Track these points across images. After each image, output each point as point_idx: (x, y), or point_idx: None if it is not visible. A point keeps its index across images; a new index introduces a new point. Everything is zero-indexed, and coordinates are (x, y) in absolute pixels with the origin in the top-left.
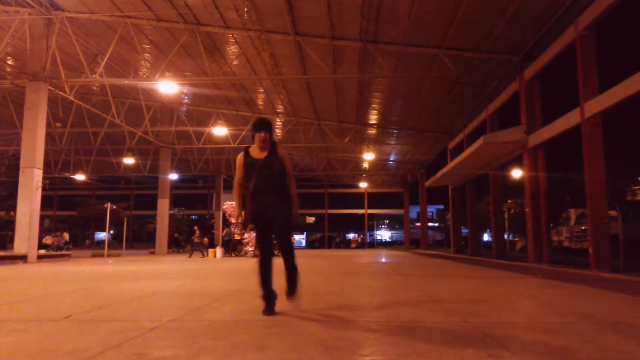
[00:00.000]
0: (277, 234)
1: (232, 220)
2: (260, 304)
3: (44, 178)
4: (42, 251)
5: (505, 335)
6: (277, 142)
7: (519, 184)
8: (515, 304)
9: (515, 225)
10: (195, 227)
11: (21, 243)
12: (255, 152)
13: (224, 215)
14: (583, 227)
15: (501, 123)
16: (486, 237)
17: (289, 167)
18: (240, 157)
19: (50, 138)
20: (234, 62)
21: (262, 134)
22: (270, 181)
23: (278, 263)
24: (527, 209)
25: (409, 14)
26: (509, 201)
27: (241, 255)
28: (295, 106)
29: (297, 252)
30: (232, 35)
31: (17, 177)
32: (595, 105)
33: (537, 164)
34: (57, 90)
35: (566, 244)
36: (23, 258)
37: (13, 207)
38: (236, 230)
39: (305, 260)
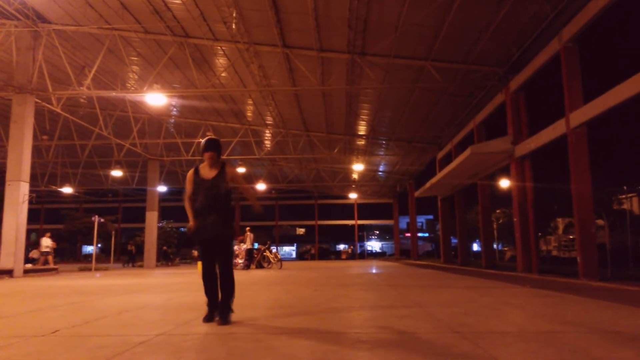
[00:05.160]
0: (217, 256)
1: None
2: (250, 316)
3: (31, 191)
4: (29, 265)
5: (495, 345)
6: (226, 162)
7: (507, 194)
8: (505, 313)
9: (504, 235)
10: (48, 236)
11: (7, 258)
12: (205, 170)
13: None
14: (571, 237)
15: (488, 134)
16: (476, 246)
17: (242, 181)
18: (190, 173)
19: (36, 151)
20: (223, 74)
21: (209, 153)
22: (215, 201)
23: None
24: (515, 219)
25: (396, 27)
26: (498, 211)
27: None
28: (284, 117)
29: (286, 264)
30: (221, 47)
31: (2, 190)
32: (580, 116)
33: (524, 174)
34: (43, 103)
35: (554, 253)
36: (9, 273)
37: None
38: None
39: (295, 272)
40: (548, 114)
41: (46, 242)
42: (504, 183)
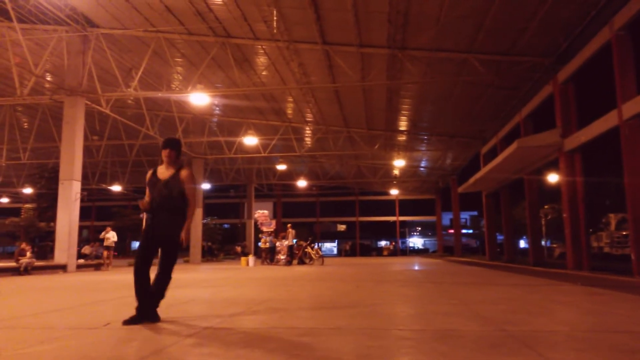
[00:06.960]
0: (162, 250)
1: (264, 229)
2: (293, 311)
3: (82, 190)
4: (81, 261)
5: (544, 344)
6: (185, 163)
7: (555, 189)
8: (554, 311)
9: (553, 231)
10: (109, 230)
11: (61, 253)
12: (161, 170)
13: (255, 223)
14: (624, 233)
15: (535, 127)
16: (523, 243)
17: (191, 191)
18: (148, 174)
19: (87, 151)
20: (263, 73)
21: (167, 151)
22: (166, 200)
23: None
24: (564, 215)
25: (437, 20)
26: (546, 206)
27: (274, 264)
28: (325, 114)
29: (327, 260)
30: (261, 46)
31: (56, 189)
32: (633, 107)
33: (574, 168)
34: (93, 105)
35: (606, 250)
36: (63, 268)
37: (53, 218)
38: (267, 239)
39: (336, 268)
40: (599, 105)
41: (108, 235)
42: (553, 177)
